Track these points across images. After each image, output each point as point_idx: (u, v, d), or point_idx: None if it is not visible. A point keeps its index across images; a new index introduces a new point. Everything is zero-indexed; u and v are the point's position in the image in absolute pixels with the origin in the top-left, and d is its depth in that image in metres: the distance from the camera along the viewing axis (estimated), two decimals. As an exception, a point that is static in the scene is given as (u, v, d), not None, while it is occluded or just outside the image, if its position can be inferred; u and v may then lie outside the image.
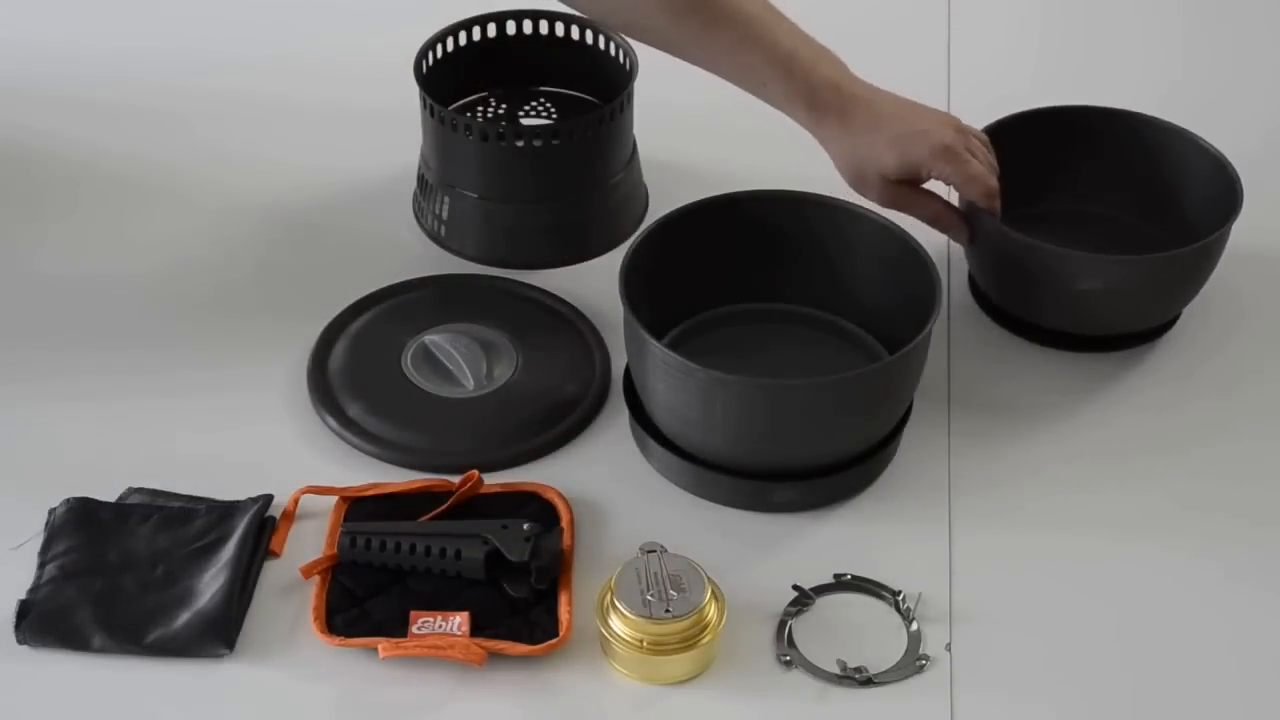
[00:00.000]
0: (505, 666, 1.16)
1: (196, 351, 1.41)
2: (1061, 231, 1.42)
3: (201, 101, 1.69)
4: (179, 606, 1.19)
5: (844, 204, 1.37)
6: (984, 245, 1.42)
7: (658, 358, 1.24)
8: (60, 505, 1.26)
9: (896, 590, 1.21)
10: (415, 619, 1.18)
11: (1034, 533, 1.27)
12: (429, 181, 1.52)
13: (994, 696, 1.16)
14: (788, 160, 1.40)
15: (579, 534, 1.25)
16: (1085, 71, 1.77)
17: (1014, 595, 1.23)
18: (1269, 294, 1.49)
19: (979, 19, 1.85)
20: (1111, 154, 1.50)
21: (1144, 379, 1.41)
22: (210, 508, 1.26)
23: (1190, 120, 1.49)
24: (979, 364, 1.42)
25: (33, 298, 1.46)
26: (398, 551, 1.21)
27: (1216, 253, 1.40)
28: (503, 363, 1.38)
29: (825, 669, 1.17)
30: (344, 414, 1.34)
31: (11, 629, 1.17)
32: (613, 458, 1.33)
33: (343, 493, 1.27)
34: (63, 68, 1.74)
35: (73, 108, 1.68)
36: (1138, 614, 1.22)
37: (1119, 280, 1.39)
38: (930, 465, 1.32)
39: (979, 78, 1.75)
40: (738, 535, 1.27)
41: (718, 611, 1.17)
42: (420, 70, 1.50)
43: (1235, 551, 1.27)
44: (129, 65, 1.74)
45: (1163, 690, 1.17)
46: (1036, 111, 1.49)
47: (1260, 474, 1.33)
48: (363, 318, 1.43)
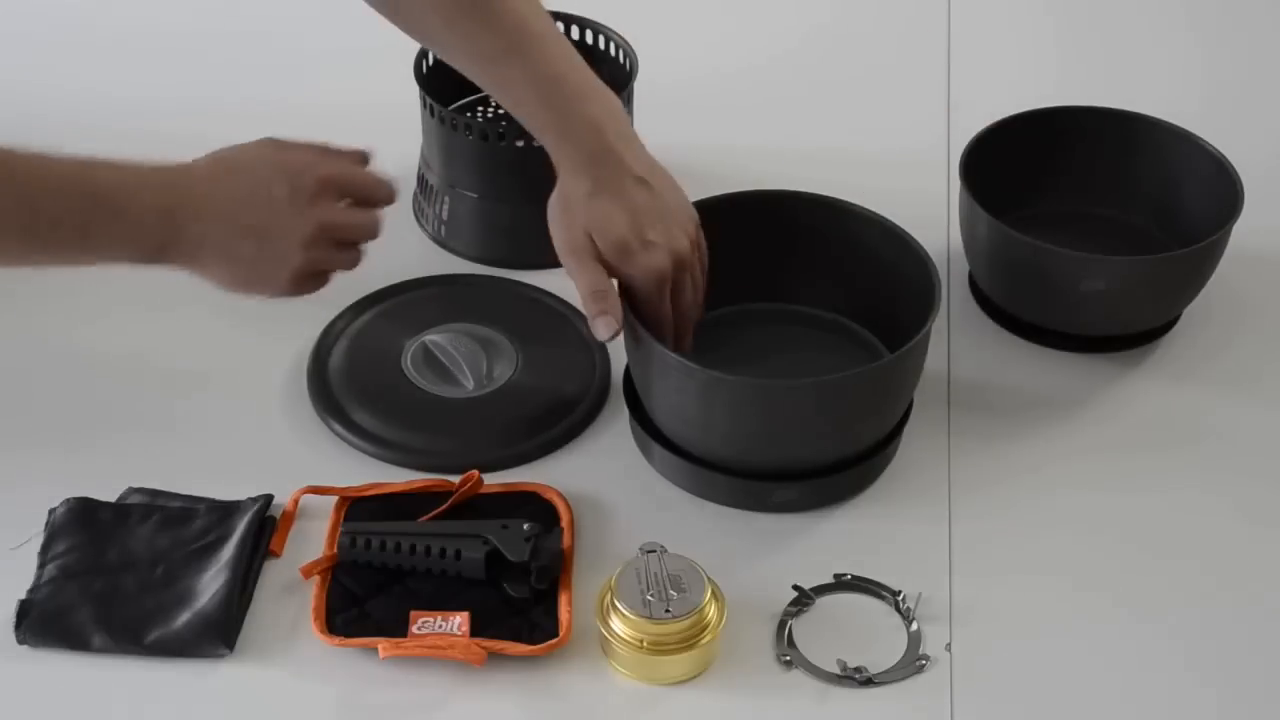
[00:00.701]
0: (505, 666, 1.16)
1: (197, 351, 1.41)
2: (1061, 231, 1.42)
3: (201, 101, 1.69)
4: (179, 606, 1.19)
5: (843, 203, 1.36)
6: (984, 245, 1.42)
7: (657, 357, 1.24)
8: (60, 505, 1.26)
9: (896, 590, 1.21)
10: (415, 619, 1.18)
11: (1034, 532, 1.27)
12: (429, 182, 1.52)
13: (994, 696, 1.16)
14: (787, 160, 1.41)
15: (579, 534, 1.25)
16: (1085, 71, 1.77)
17: (1014, 595, 1.23)
18: (1269, 295, 1.49)
19: (979, 19, 1.85)
20: (1111, 154, 1.50)
21: (1144, 379, 1.41)
22: (210, 508, 1.26)
23: (1191, 121, 1.49)
24: (979, 364, 1.42)
25: (33, 297, 1.46)
26: (398, 551, 1.21)
27: (1217, 253, 1.40)
28: (503, 363, 1.38)
29: (825, 669, 1.17)
30: (344, 414, 1.34)
31: (11, 629, 1.17)
32: (613, 458, 1.33)
33: (343, 493, 1.27)
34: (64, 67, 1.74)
35: (73, 107, 1.68)
36: (1138, 614, 1.22)
37: (1119, 280, 1.39)
38: (930, 465, 1.32)
39: (979, 78, 1.75)
40: (738, 535, 1.27)
41: (718, 611, 1.17)
42: (420, 70, 1.50)
43: (1236, 551, 1.27)
44: (129, 64, 1.74)
45: (1163, 690, 1.17)
46: (1036, 111, 1.49)
47: (1260, 474, 1.33)
48: (363, 318, 1.43)
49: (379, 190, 1.28)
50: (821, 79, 1.76)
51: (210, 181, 1.21)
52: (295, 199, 1.21)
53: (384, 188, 1.28)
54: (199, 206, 1.19)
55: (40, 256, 1.17)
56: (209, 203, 1.19)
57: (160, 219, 1.18)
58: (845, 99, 1.73)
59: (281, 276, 1.23)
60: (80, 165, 1.16)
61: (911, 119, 1.70)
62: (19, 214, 1.13)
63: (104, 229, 1.16)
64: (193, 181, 1.20)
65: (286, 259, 1.22)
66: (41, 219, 1.14)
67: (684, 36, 1.76)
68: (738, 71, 1.76)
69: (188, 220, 1.19)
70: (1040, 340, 1.43)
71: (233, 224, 1.20)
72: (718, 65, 1.75)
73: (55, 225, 1.14)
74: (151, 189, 1.18)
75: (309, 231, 1.21)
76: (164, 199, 1.18)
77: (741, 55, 1.79)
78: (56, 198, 1.14)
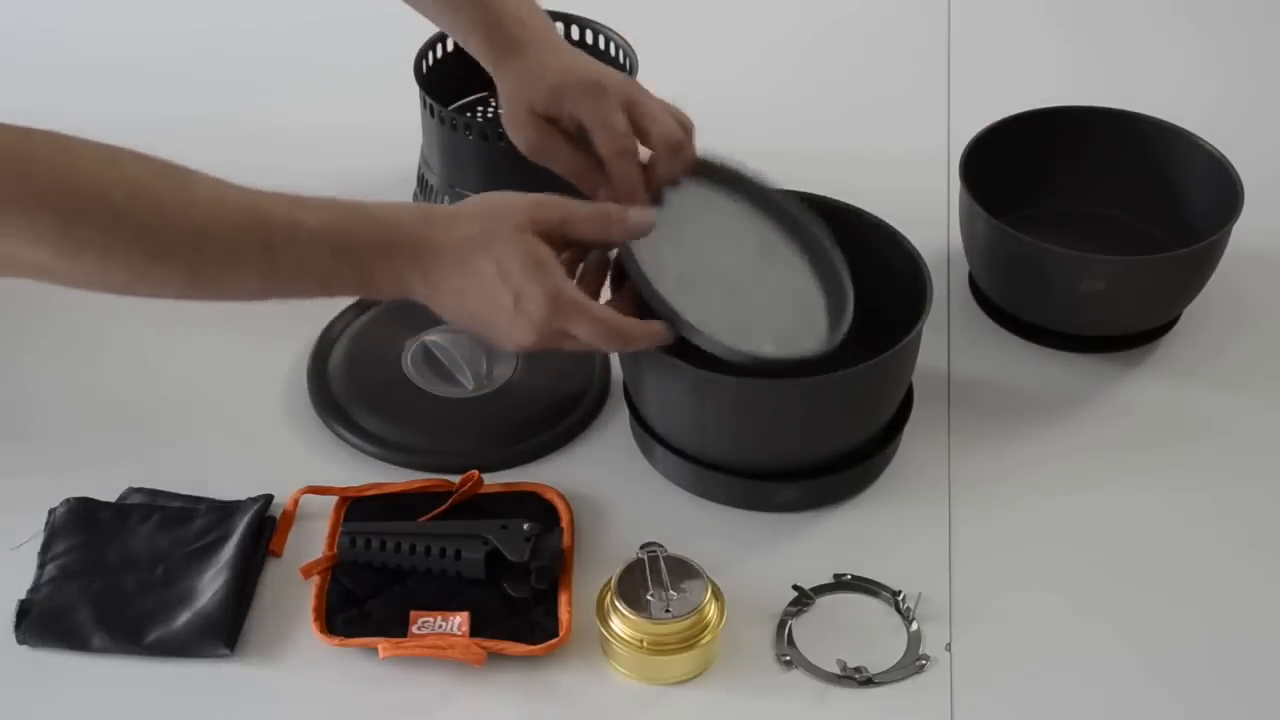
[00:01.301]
0: (505, 666, 1.16)
1: (197, 351, 1.41)
2: (1061, 231, 1.42)
3: (201, 102, 1.69)
4: (179, 606, 1.19)
5: (840, 203, 1.36)
6: (984, 245, 1.42)
7: (648, 357, 1.24)
8: (60, 505, 1.26)
9: (896, 590, 1.21)
10: (415, 619, 1.18)
11: (1034, 532, 1.27)
12: (429, 182, 1.52)
13: (994, 696, 1.16)
14: (785, 160, 1.40)
15: (579, 534, 1.25)
16: (1085, 71, 1.77)
17: (1014, 595, 1.23)
18: (1269, 294, 1.49)
19: (979, 19, 1.85)
20: (1111, 154, 1.50)
21: (1144, 379, 1.41)
22: (210, 508, 1.26)
23: (1191, 121, 1.49)
24: (979, 364, 1.42)
25: (32, 297, 1.46)
26: (398, 551, 1.21)
27: (1217, 253, 1.40)
28: (503, 362, 1.38)
29: (825, 669, 1.17)
30: (344, 414, 1.34)
31: (11, 629, 1.18)
32: (613, 458, 1.33)
33: (343, 493, 1.27)
34: (60, 89, 1.74)
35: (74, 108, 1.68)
36: (1138, 614, 1.22)
37: (1119, 280, 1.39)
38: (930, 465, 1.32)
39: (979, 78, 1.75)
40: (738, 535, 1.27)
41: (718, 611, 1.17)
42: (420, 70, 1.50)
43: (1236, 551, 1.27)
44: (128, 63, 1.74)
45: (1163, 690, 1.17)
46: (1036, 111, 1.49)
47: (1261, 474, 1.33)
48: (363, 318, 1.43)
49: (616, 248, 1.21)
50: (821, 79, 1.76)
51: (440, 267, 1.15)
52: (519, 316, 1.15)
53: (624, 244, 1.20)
54: (430, 289, 1.15)
55: (278, 296, 1.15)
56: (436, 292, 1.15)
57: (396, 289, 1.15)
58: (845, 99, 1.74)
59: (513, 344, 1.18)
60: (336, 220, 1.13)
61: (911, 119, 1.70)
62: (261, 260, 1.11)
63: (342, 285, 1.15)
64: (427, 262, 1.14)
65: (515, 339, 1.17)
66: (285, 270, 1.12)
67: (684, 36, 1.76)
68: (737, 71, 1.76)
69: (421, 294, 1.16)
70: (1040, 340, 1.43)
71: (460, 311, 1.16)
72: (718, 65, 1.76)
73: (299, 273, 1.13)
74: (391, 258, 1.14)
75: (533, 341, 1.16)
76: (401, 275, 1.14)
77: (741, 55, 1.79)
78: (306, 252, 1.12)
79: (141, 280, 1.10)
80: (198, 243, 1.09)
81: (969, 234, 1.45)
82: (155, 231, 1.08)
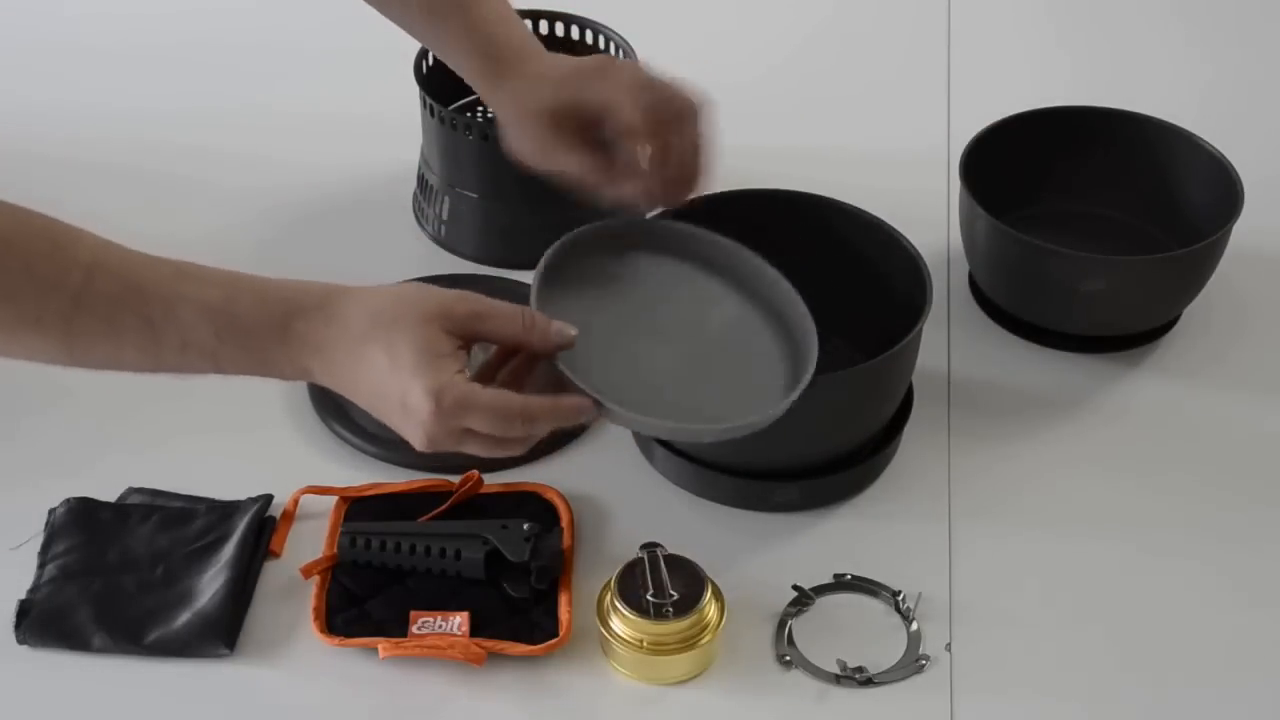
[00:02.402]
0: (505, 666, 1.16)
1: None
2: (1062, 231, 1.42)
3: (200, 102, 1.69)
4: (179, 606, 1.19)
5: (838, 203, 1.36)
6: (984, 245, 1.42)
7: None
8: (60, 505, 1.26)
9: (896, 590, 1.21)
10: (415, 619, 1.18)
11: (1034, 532, 1.27)
12: (429, 182, 1.52)
13: (994, 696, 1.16)
14: (784, 159, 1.41)
15: (579, 534, 1.25)
16: (1085, 71, 1.77)
17: (1014, 595, 1.23)
18: (1269, 294, 1.49)
19: (979, 19, 1.85)
20: (1111, 154, 1.50)
21: (1144, 379, 1.41)
22: (210, 508, 1.26)
23: (1191, 121, 1.49)
24: (979, 364, 1.42)
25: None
26: (398, 551, 1.21)
27: (1217, 253, 1.40)
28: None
29: (825, 669, 1.17)
30: (344, 414, 1.34)
31: (11, 629, 1.18)
32: (613, 457, 1.33)
33: (343, 493, 1.27)
34: (62, 77, 1.74)
35: (75, 110, 1.68)
36: (1138, 614, 1.22)
37: (1120, 280, 1.39)
38: (930, 465, 1.32)
39: (979, 78, 1.75)
40: (738, 535, 1.27)
41: (718, 611, 1.17)
42: (420, 70, 1.50)
43: (1236, 552, 1.27)
44: (129, 62, 1.74)
45: (1163, 690, 1.17)
46: (1036, 111, 1.49)
47: (1261, 474, 1.33)
48: (363, 318, 1.42)
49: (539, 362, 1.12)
50: (821, 79, 1.76)
51: (333, 355, 1.08)
52: (406, 414, 1.07)
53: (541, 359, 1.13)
54: (330, 378, 1.09)
55: (169, 371, 1.10)
56: (336, 381, 1.10)
57: (295, 373, 1.09)
58: (845, 99, 1.73)
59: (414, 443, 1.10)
60: (224, 299, 1.07)
61: (911, 119, 1.70)
62: (142, 333, 1.06)
63: (234, 366, 1.09)
64: (325, 349, 1.08)
65: (412, 439, 1.10)
66: (167, 345, 1.07)
67: (684, 36, 1.76)
68: (737, 71, 1.75)
69: (323, 381, 1.10)
70: (1040, 340, 1.43)
71: (360, 402, 1.10)
72: (717, 65, 1.74)
73: (183, 349, 1.07)
74: (288, 343, 1.08)
75: (425, 442, 1.09)
76: (299, 359, 1.08)
77: (741, 55, 1.79)
78: (189, 331, 1.06)
79: (15, 344, 1.05)
80: (68, 311, 1.03)
81: (969, 234, 1.45)
82: (24, 295, 1.02)
